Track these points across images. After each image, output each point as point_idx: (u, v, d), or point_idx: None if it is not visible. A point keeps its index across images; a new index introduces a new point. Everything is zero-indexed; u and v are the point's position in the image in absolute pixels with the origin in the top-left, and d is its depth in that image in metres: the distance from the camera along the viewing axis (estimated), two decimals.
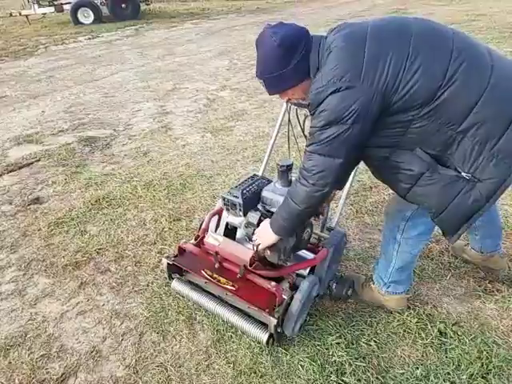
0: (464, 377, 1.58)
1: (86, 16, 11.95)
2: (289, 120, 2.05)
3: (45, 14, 12.85)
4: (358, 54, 1.27)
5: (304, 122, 2.04)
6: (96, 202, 2.92)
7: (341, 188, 1.79)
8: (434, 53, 1.28)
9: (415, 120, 1.31)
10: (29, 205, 2.96)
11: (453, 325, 1.80)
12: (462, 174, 1.33)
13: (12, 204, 2.99)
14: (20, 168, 3.55)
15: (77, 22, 11.87)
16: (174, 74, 6.41)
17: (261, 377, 1.62)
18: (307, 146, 1.41)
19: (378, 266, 1.86)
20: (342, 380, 1.59)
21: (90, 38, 10.17)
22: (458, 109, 1.28)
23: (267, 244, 1.64)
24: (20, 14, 12.21)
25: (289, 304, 1.65)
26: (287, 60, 1.38)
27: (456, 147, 1.32)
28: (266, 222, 1.64)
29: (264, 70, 1.44)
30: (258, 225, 1.71)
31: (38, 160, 3.68)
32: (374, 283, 1.89)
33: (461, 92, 1.26)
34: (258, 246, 1.68)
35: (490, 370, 1.60)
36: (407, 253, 1.69)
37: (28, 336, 1.87)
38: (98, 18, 12.00)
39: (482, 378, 1.57)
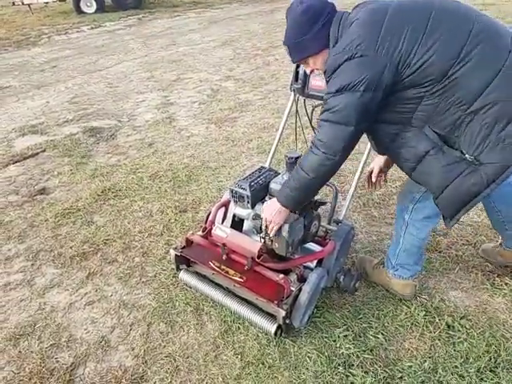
0: (472, 370, 1.58)
1: (89, 5, 11.87)
2: (296, 111, 2.04)
3: (47, 2, 12.78)
4: (377, 26, 1.31)
5: (312, 112, 2.02)
6: (102, 192, 2.92)
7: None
8: (451, 31, 1.28)
9: (426, 97, 1.33)
10: (35, 195, 2.97)
11: (461, 318, 1.79)
12: (466, 155, 1.34)
13: (18, 194, 2.99)
14: (25, 158, 3.55)
15: (79, 11, 11.80)
16: (178, 64, 6.36)
17: (268, 368, 1.63)
18: (320, 114, 1.45)
19: (388, 249, 1.91)
20: (350, 372, 1.60)
21: (92, 28, 10.11)
22: (470, 89, 1.28)
23: (276, 220, 1.59)
24: (22, 3, 12.15)
25: (297, 296, 1.65)
26: (308, 27, 1.45)
27: (464, 129, 1.32)
28: (271, 200, 1.62)
29: (288, 37, 1.54)
30: None
31: (44, 150, 3.68)
32: (383, 266, 1.94)
33: (474, 72, 1.27)
34: (268, 227, 1.63)
35: (499, 363, 1.60)
36: (414, 236, 1.73)
37: (37, 326, 1.88)
38: (101, 8, 11.92)
39: (491, 371, 1.57)
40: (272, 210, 1.59)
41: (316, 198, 1.86)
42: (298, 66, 1.96)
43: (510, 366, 1.59)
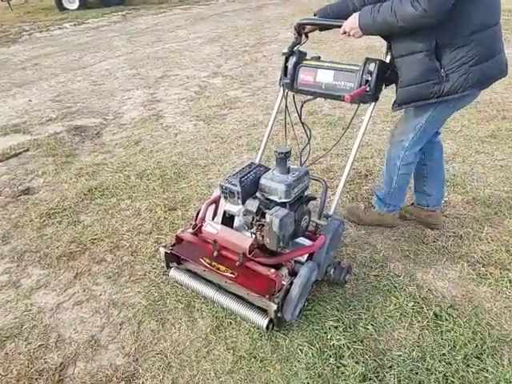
0: (459, 357, 1.61)
1: (71, 1, 11.62)
2: (286, 106, 2.05)
3: None
4: None
5: (301, 108, 2.03)
6: (88, 192, 2.88)
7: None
8: None
9: (462, 9, 1.56)
10: (19, 195, 2.91)
11: (448, 308, 1.83)
12: (442, 70, 1.68)
13: (1, 195, 2.93)
14: (8, 158, 3.47)
15: (61, 7, 11.54)
16: (164, 61, 6.31)
17: (260, 361, 1.63)
18: None
19: (379, 193, 2.27)
20: (341, 363, 1.62)
21: (75, 25, 9.92)
22: (475, 22, 1.61)
23: (349, 28, 1.73)
24: (1, 0, 11.83)
25: (288, 289, 1.66)
26: None
27: (453, 50, 1.64)
28: (353, 16, 1.71)
29: None
30: (257, 213, 1.70)
31: (27, 150, 3.61)
32: (374, 208, 2.33)
33: (485, 13, 1.64)
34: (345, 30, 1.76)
35: (484, 350, 1.64)
36: (405, 174, 2.12)
37: (24, 327, 1.85)
38: (84, 4, 11.69)
39: (477, 358, 1.61)
40: (351, 26, 1.72)
41: (306, 193, 1.88)
42: (286, 61, 1.96)
43: (494, 352, 1.64)
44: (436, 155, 2.18)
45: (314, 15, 1.96)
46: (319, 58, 1.98)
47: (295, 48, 1.95)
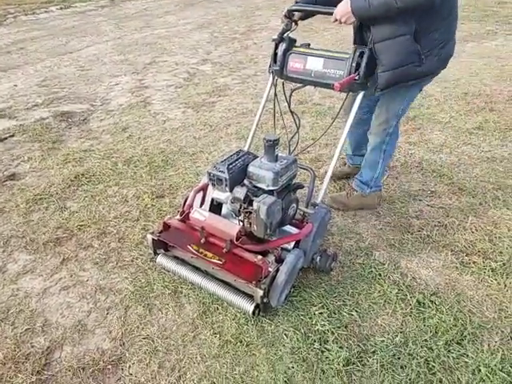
0: (440, 343, 1.66)
1: None
2: (275, 94, 2.04)
3: None
4: None
5: (290, 96, 2.03)
6: (75, 178, 2.85)
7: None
8: None
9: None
10: (4, 181, 2.87)
11: (431, 295, 1.87)
12: (422, 52, 1.77)
13: None
14: None
15: None
16: (153, 47, 6.22)
17: (246, 346, 1.66)
18: None
19: (361, 177, 2.38)
20: (325, 348, 1.65)
21: (62, 8, 9.69)
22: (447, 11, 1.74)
23: (340, 14, 1.73)
24: None
25: (274, 276, 1.68)
26: None
27: (431, 35, 1.75)
28: (344, 1, 1.71)
29: None
30: (245, 200, 1.71)
31: (12, 135, 3.54)
32: (356, 191, 2.42)
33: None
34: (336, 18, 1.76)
35: (465, 336, 1.68)
36: (388, 157, 2.31)
37: (10, 312, 1.84)
38: None
39: (457, 343, 1.66)
40: (343, 12, 1.72)
41: (294, 181, 1.89)
42: (276, 47, 1.95)
43: (475, 338, 1.68)
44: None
45: (296, 2, 1.93)
46: (309, 45, 1.97)
47: (285, 35, 1.94)
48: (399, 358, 1.61)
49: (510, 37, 5.90)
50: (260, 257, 1.71)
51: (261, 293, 1.62)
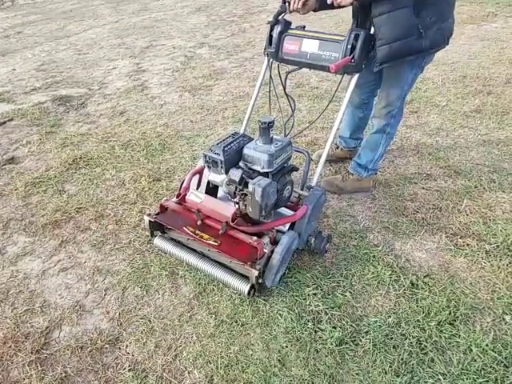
0: (433, 324, 1.68)
1: None
2: (270, 76, 2.03)
3: None
4: None
5: (285, 79, 2.02)
6: (73, 161, 2.86)
7: None
8: None
9: None
10: (4, 165, 2.88)
11: (424, 277, 1.89)
12: (420, 26, 1.76)
13: None
14: None
15: None
16: (150, 31, 6.14)
17: (241, 325, 1.69)
18: None
19: (360, 160, 2.38)
20: (319, 328, 1.68)
21: None
22: None
23: (342, 3, 1.75)
24: None
25: (269, 257, 1.70)
26: None
27: (429, 9, 1.75)
28: None
29: None
30: (240, 182, 1.72)
31: (11, 119, 3.54)
32: (352, 174, 2.44)
33: None
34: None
35: (457, 317, 1.71)
36: (390, 139, 2.29)
37: (10, 292, 1.88)
38: None
39: (450, 324, 1.68)
40: None
41: (289, 163, 1.89)
42: (271, 29, 1.93)
43: (467, 319, 1.71)
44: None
45: None
46: (304, 27, 1.95)
47: (280, 17, 1.92)
48: (392, 338, 1.64)
49: (510, 19, 5.80)
50: (255, 238, 1.73)
51: (256, 273, 1.65)
